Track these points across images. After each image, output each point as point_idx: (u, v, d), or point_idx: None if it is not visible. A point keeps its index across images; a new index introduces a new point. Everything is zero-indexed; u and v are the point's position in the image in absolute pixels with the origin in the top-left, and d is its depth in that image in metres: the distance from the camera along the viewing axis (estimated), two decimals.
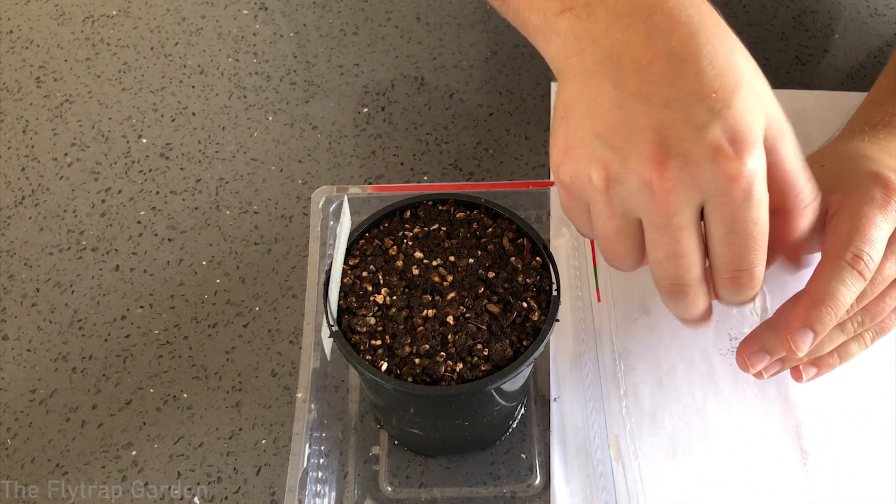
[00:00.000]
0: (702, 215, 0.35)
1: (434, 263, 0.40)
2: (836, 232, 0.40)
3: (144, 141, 0.60)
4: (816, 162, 0.43)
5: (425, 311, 0.39)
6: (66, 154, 0.60)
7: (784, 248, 0.40)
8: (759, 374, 0.43)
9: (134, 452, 0.46)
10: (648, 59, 0.33)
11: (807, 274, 0.41)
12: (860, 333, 0.43)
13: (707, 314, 0.39)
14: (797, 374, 0.43)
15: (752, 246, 0.34)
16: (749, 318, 0.49)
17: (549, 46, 0.37)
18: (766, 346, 0.42)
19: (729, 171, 0.32)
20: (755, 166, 0.33)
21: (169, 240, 0.55)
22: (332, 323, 0.38)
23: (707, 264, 0.36)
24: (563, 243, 0.50)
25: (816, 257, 0.41)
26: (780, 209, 0.37)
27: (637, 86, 0.33)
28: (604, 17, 0.34)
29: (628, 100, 0.33)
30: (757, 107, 0.33)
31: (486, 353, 0.37)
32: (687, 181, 0.33)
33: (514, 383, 0.41)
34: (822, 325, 0.39)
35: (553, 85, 0.62)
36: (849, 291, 0.39)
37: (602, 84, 0.34)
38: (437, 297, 0.40)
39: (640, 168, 0.33)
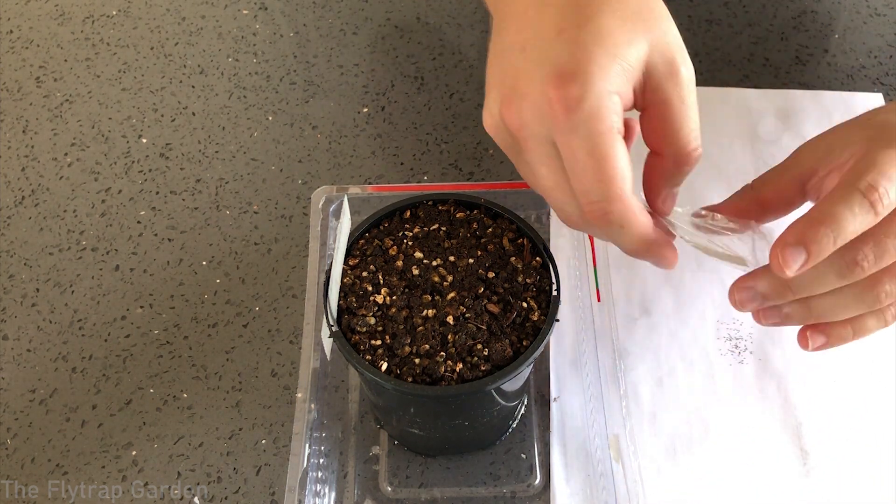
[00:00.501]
0: None
1: (434, 263, 0.40)
2: (854, 168, 0.37)
3: (144, 141, 0.60)
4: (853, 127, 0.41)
5: (425, 311, 0.39)
6: (66, 154, 0.60)
7: (652, 192, 0.39)
8: (757, 317, 0.41)
9: (134, 452, 0.46)
10: (524, 8, 0.37)
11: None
12: (881, 309, 0.39)
13: (637, 244, 0.37)
14: (803, 340, 0.41)
15: (596, 177, 0.34)
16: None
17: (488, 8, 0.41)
18: (758, 284, 0.39)
19: (553, 101, 0.33)
20: (581, 92, 0.33)
21: (169, 240, 0.55)
22: (332, 323, 0.38)
23: None
24: (563, 243, 0.50)
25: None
26: (658, 151, 0.37)
27: (511, 36, 0.37)
28: None
29: (504, 51, 0.37)
30: (605, 40, 0.34)
31: (486, 353, 0.37)
32: (529, 118, 0.35)
33: (514, 383, 0.41)
34: (817, 246, 0.36)
35: None
36: (854, 219, 0.36)
37: (498, 40, 0.38)
38: (437, 297, 0.40)
39: (501, 110, 0.36)
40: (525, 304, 0.39)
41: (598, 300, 0.43)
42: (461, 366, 0.37)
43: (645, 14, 0.35)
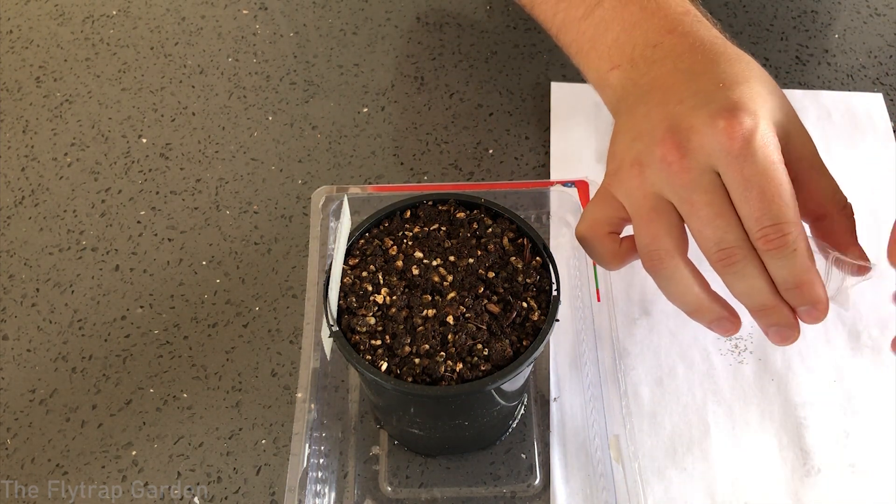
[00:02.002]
0: None
1: (434, 263, 0.40)
2: None
3: (144, 141, 0.60)
4: None
5: (425, 311, 0.39)
6: (66, 154, 0.60)
7: (846, 249, 0.39)
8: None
9: (134, 452, 0.46)
10: (672, 81, 0.40)
11: None
12: None
13: (772, 296, 0.38)
14: None
15: (769, 199, 0.35)
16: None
17: (606, 97, 0.45)
18: None
19: (725, 129, 0.36)
20: (754, 124, 0.36)
21: (169, 240, 0.55)
22: (332, 323, 0.38)
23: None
24: (563, 243, 0.50)
25: None
26: (821, 214, 0.39)
27: (660, 96, 0.39)
28: (642, 65, 0.42)
29: (653, 109, 0.39)
30: (762, 97, 0.37)
31: (486, 353, 0.37)
32: (695, 149, 0.36)
33: (514, 383, 0.41)
34: None
35: (553, 85, 0.62)
36: None
37: (638, 108, 0.41)
38: (437, 297, 0.40)
39: (657, 147, 0.37)
40: (525, 304, 0.39)
41: (598, 300, 0.43)
42: (461, 366, 0.37)
43: (778, 91, 0.39)
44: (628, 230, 0.41)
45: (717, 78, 0.38)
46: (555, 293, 0.40)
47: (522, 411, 0.47)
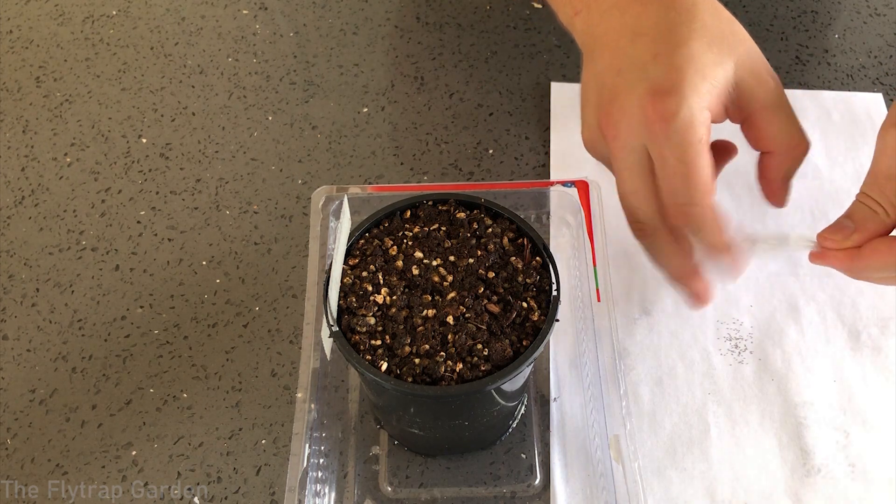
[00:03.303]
0: None
1: (434, 263, 0.40)
2: None
3: (144, 141, 0.60)
4: None
5: (425, 311, 0.39)
6: (66, 154, 0.60)
7: (768, 186, 0.43)
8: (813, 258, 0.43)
9: (134, 452, 0.46)
10: (616, 39, 0.41)
11: None
12: None
13: (680, 269, 0.42)
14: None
15: (686, 181, 0.38)
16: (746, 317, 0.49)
17: (576, 39, 0.46)
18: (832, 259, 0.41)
19: (650, 114, 0.38)
20: (676, 107, 0.37)
21: (169, 240, 0.55)
22: (332, 323, 0.38)
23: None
24: (563, 243, 0.50)
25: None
26: (768, 150, 0.42)
27: (607, 61, 0.41)
28: (595, 14, 0.43)
29: (601, 74, 0.41)
30: (696, 63, 0.39)
31: (486, 353, 0.37)
32: (625, 129, 0.39)
33: (514, 383, 0.41)
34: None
35: (553, 85, 0.62)
36: None
37: (590, 67, 0.43)
38: (437, 297, 0.39)
39: (600, 124, 0.41)
40: (525, 304, 0.39)
41: (598, 300, 0.43)
42: (461, 366, 0.37)
43: (728, 38, 0.40)
44: None
45: (654, 41, 0.40)
46: (555, 293, 0.40)
47: (522, 411, 0.47)
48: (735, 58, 0.40)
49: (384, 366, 0.37)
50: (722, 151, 0.44)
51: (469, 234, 0.42)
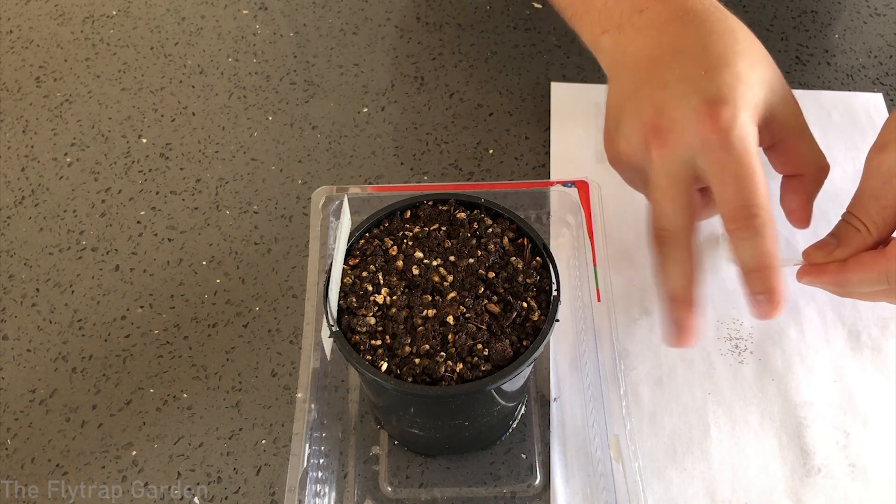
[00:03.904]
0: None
1: (434, 263, 0.40)
2: None
3: (144, 141, 0.60)
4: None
5: (425, 311, 0.39)
6: (66, 154, 0.60)
7: (796, 210, 0.44)
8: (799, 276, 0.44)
9: (134, 452, 0.46)
10: (658, 56, 0.42)
11: None
12: None
13: (684, 287, 0.41)
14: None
15: (742, 184, 0.38)
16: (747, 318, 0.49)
17: (601, 61, 0.46)
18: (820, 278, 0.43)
19: (707, 123, 0.38)
20: (732, 116, 0.38)
21: (169, 240, 0.55)
22: (332, 323, 0.38)
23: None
24: (563, 243, 0.50)
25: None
26: (797, 174, 0.44)
27: (647, 76, 0.42)
28: (629, 31, 0.44)
29: (641, 89, 0.42)
30: (744, 81, 0.40)
31: (486, 353, 0.37)
32: (676, 141, 0.39)
33: (514, 383, 0.41)
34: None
35: (553, 85, 0.62)
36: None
37: (627, 82, 0.43)
38: (437, 297, 0.39)
39: (644, 137, 0.41)
40: (525, 304, 0.39)
41: (598, 300, 0.43)
42: (461, 366, 0.37)
43: (764, 63, 0.41)
44: None
45: (700, 59, 0.40)
46: (555, 293, 0.40)
47: (522, 411, 0.47)
48: (770, 82, 0.41)
49: (384, 366, 0.37)
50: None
51: (469, 234, 0.42)
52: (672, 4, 0.43)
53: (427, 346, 0.37)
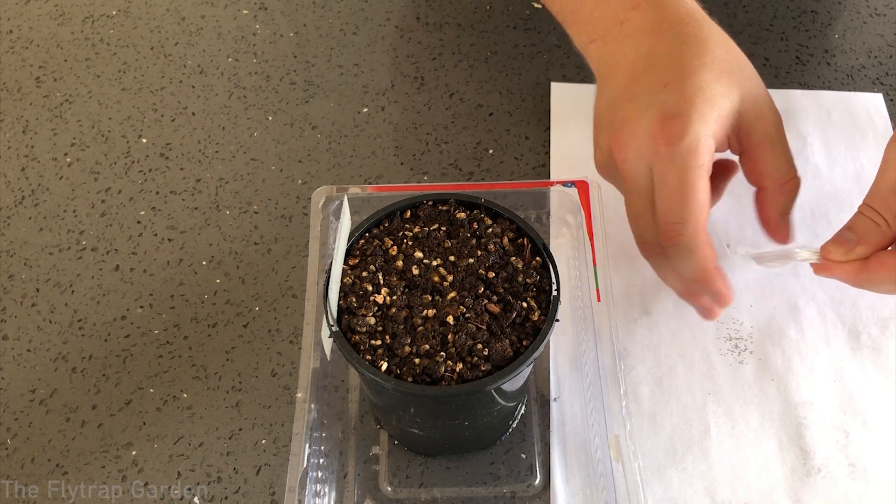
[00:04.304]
0: None
1: (434, 263, 0.40)
2: None
3: (144, 141, 0.60)
4: None
5: (425, 311, 0.39)
6: (66, 154, 0.60)
7: (767, 223, 0.45)
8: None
9: (134, 452, 0.46)
10: (633, 69, 0.43)
11: None
12: None
13: (684, 286, 0.43)
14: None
15: (679, 201, 0.39)
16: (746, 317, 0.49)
17: (590, 65, 0.47)
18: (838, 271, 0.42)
19: (657, 137, 0.39)
20: (679, 131, 0.39)
21: (169, 240, 0.55)
22: (332, 323, 0.38)
23: None
24: (563, 243, 0.50)
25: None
26: (761, 186, 0.44)
27: (621, 88, 0.43)
28: (612, 43, 0.45)
29: (614, 101, 0.43)
30: (704, 93, 0.40)
31: (486, 353, 0.37)
32: (633, 153, 0.41)
33: (514, 383, 0.41)
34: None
35: (553, 85, 0.62)
36: None
37: (604, 93, 0.44)
38: (437, 297, 0.39)
39: (611, 148, 0.42)
40: (525, 304, 0.39)
41: (598, 300, 0.43)
42: (461, 366, 0.37)
43: (736, 72, 0.42)
44: None
45: (665, 71, 0.41)
46: (555, 293, 0.40)
47: (522, 411, 0.47)
48: (741, 91, 0.41)
49: (384, 366, 0.37)
50: (722, 170, 0.46)
51: (469, 234, 0.42)
52: (650, 15, 0.43)
53: (427, 346, 0.37)
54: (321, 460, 0.42)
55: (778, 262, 0.45)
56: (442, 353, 0.37)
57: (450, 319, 0.38)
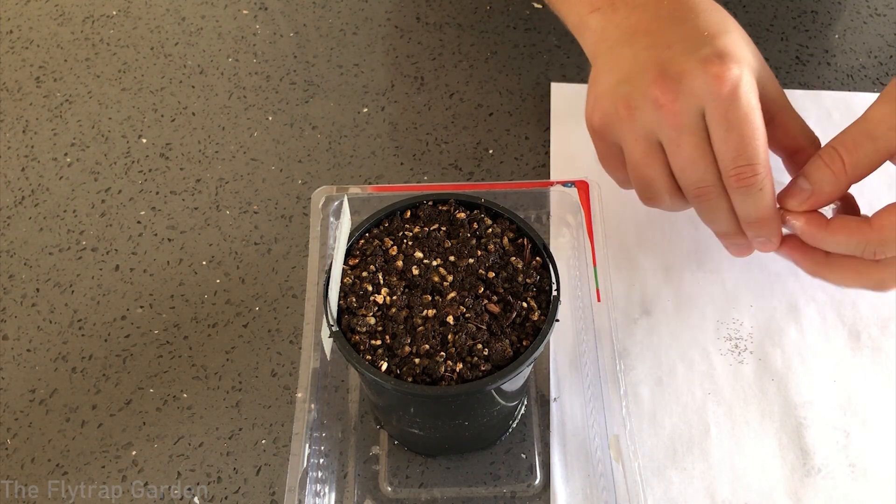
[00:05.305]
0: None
1: (434, 263, 0.40)
2: None
3: (144, 141, 0.60)
4: None
5: (425, 311, 0.39)
6: (66, 154, 0.60)
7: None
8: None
9: (134, 452, 0.46)
10: (657, 26, 0.42)
11: None
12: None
13: (736, 226, 0.42)
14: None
15: (746, 142, 0.39)
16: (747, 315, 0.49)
17: (585, 40, 0.46)
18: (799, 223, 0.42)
19: (717, 75, 0.38)
20: (740, 72, 0.39)
21: (169, 240, 0.55)
22: (332, 323, 0.38)
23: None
24: (563, 243, 0.50)
25: None
26: (798, 148, 0.44)
27: (647, 40, 0.42)
28: (623, 9, 0.44)
29: (641, 52, 0.42)
30: (743, 47, 0.40)
31: (486, 353, 0.37)
32: (685, 91, 0.39)
33: (514, 383, 0.41)
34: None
35: (553, 85, 0.62)
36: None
37: (622, 51, 0.43)
38: (437, 297, 0.39)
39: (649, 89, 0.40)
40: (525, 304, 0.39)
41: (598, 300, 0.43)
42: (461, 366, 0.37)
43: (748, 41, 0.42)
44: None
45: (701, 26, 0.41)
46: (555, 293, 0.40)
47: (522, 411, 0.47)
48: (759, 58, 0.42)
49: (384, 366, 0.37)
50: None
51: (469, 234, 0.42)
52: None
53: (427, 346, 0.37)
54: (321, 460, 0.42)
55: None
56: (442, 353, 0.37)
57: (450, 319, 0.38)
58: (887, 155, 0.40)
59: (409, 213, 0.43)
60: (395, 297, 0.39)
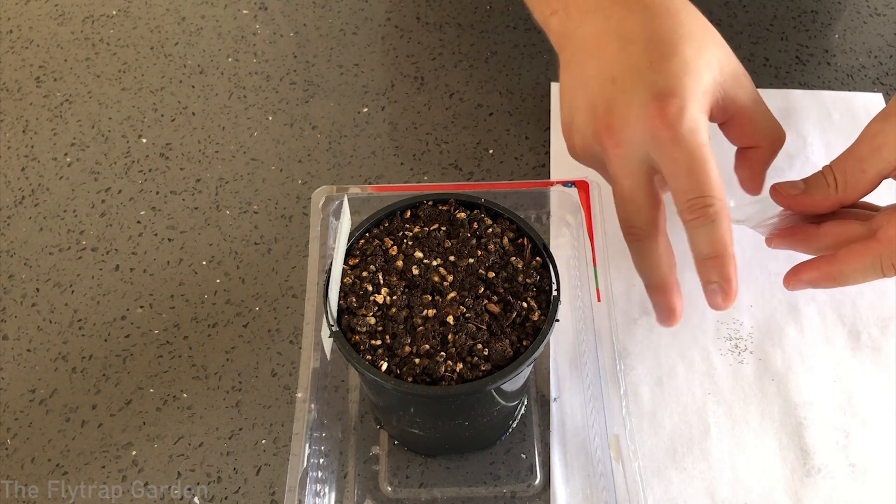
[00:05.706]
0: None
1: (434, 263, 0.40)
2: None
3: (144, 141, 0.60)
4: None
5: (425, 311, 0.39)
6: (66, 154, 0.60)
7: (752, 179, 0.46)
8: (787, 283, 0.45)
9: (134, 452, 0.46)
10: (605, 44, 0.42)
11: None
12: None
13: (662, 277, 0.42)
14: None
15: (695, 176, 0.38)
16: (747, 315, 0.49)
17: (550, 38, 0.47)
18: (807, 274, 0.44)
19: (657, 116, 0.39)
20: (681, 107, 0.39)
21: (169, 240, 0.55)
22: (332, 323, 0.38)
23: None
24: (563, 243, 0.50)
25: None
26: (755, 146, 0.45)
27: (596, 68, 0.42)
28: (576, 16, 0.44)
29: (591, 81, 0.42)
30: (691, 69, 0.40)
31: (486, 353, 0.37)
32: (629, 139, 0.40)
33: (514, 383, 0.41)
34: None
35: (553, 85, 0.62)
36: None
37: (574, 71, 0.43)
38: (437, 297, 0.39)
39: (597, 134, 0.41)
40: (525, 304, 0.39)
41: (598, 300, 0.43)
42: (461, 366, 0.37)
43: (710, 44, 0.42)
44: None
45: (646, 48, 0.40)
46: (555, 293, 0.40)
47: (522, 411, 0.47)
48: (718, 62, 0.41)
49: (384, 366, 0.37)
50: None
51: (469, 234, 0.42)
52: None
53: (427, 346, 0.37)
54: (321, 460, 0.42)
55: (756, 218, 0.46)
56: (442, 353, 0.37)
57: (450, 319, 0.38)
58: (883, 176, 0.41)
59: (409, 213, 0.43)
60: (395, 297, 0.39)
